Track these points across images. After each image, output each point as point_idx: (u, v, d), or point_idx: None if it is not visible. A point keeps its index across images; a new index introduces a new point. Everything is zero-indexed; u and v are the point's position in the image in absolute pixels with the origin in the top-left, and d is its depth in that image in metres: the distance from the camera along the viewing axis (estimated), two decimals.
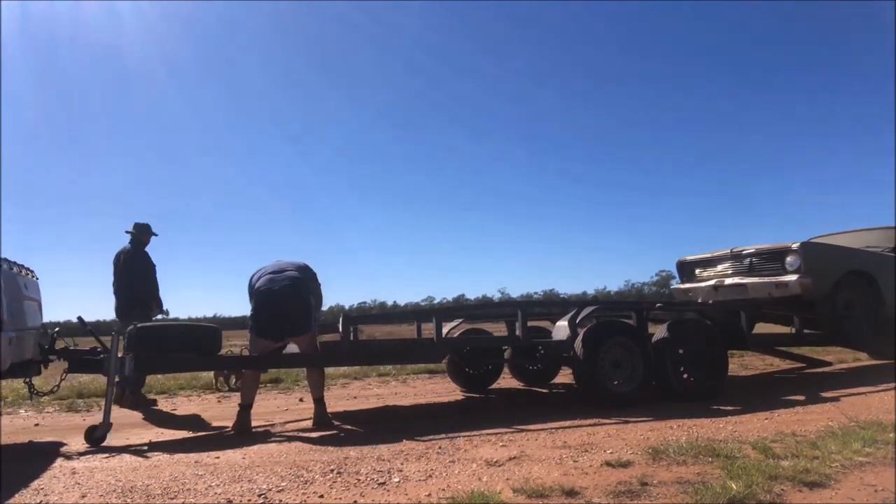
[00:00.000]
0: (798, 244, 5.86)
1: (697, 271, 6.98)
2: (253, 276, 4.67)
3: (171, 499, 2.64)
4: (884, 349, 7.11)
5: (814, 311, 5.97)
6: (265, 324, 4.45)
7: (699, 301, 6.46)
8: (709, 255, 6.84)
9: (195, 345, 4.38)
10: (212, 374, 5.69)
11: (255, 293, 4.47)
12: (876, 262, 6.37)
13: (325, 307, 5.01)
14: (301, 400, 5.93)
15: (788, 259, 5.89)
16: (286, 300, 4.42)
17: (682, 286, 7.07)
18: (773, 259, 6.08)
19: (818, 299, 5.88)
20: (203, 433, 4.29)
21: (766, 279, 6.01)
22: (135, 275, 5.74)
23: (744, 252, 6.37)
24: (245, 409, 4.31)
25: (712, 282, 6.51)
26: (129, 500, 2.63)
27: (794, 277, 5.76)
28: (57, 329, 4.28)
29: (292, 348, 4.85)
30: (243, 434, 4.14)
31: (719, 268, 6.67)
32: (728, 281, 6.36)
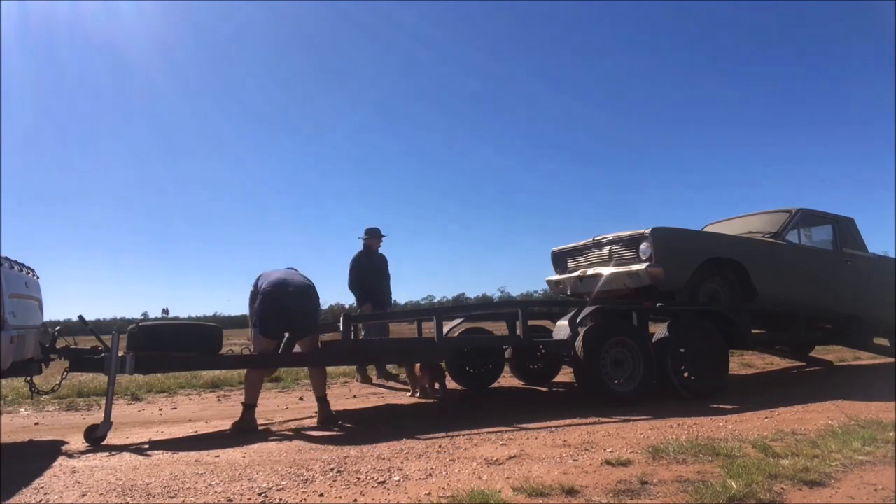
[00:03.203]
0: (650, 230, 5.36)
1: (569, 262, 6.50)
2: (258, 278, 4.65)
3: (171, 497, 2.65)
4: (884, 347, 7.07)
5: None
6: (272, 322, 4.42)
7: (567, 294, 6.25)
8: (576, 244, 6.39)
9: (196, 344, 4.38)
10: (408, 376, 6.01)
11: (268, 292, 4.42)
12: (745, 248, 5.84)
13: (325, 306, 5.04)
14: (301, 399, 5.94)
15: (642, 246, 5.41)
16: (300, 300, 4.46)
17: (553, 277, 6.64)
18: (628, 247, 5.62)
19: (677, 290, 5.41)
20: (203, 432, 4.29)
21: (622, 269, 5.57)
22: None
23: (604, 240, 5.93)
24: (251, 408, 4.32)
25: (577, 272, 6.10)
26: (129, 499, 2.63)
27: (644, 266, 5.29)
28: (58, 328, 4.28)
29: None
30: (247, 433, 4.14)
31: (585, 257, 6.24)
32: (590, 271, 5.94)
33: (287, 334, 4.62)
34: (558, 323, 5.28)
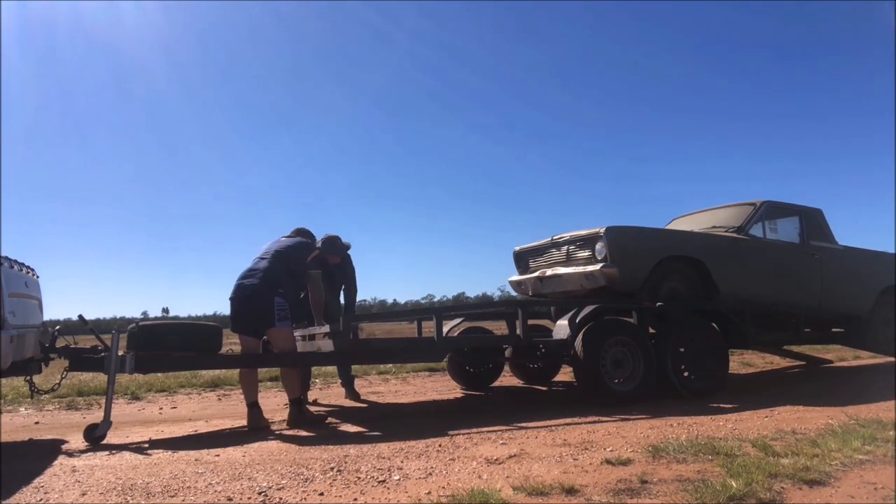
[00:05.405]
0: (604, 229, 5.22)
1: (530, 262, 6.36)
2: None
3: (171, 497, 2.65)
4: (884, 347, 7.06)
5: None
6: (231, 319, 4.53)
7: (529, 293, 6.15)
8: (536, 243, 6.24)
9: (196, 343, 4.38)
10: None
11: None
12: (704, 244, 5.66)
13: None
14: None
15: (597, 246, 5.28)
16: (245, 296, 4.42)
17: (515, 278, 6.51)
18: (585, 246, 5.49)
19: (635, 290, 5.28)
20: (203, 431, 4.30)
21: (579, 269, 5.42)
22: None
23: (561, 240, 5.81)
24: (252, 406, 4.33)
25: (537, 273, 5.97)
26: (129, 498, 2.63)
27: (598, 267, 5.18)
28: (58, 327, 4.28)
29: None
30: (260, 431, 4.16)
31: (544, 257, 6.10)
32: (549, 272, 5.81)
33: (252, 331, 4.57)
34: (558, 323, 5.28)
